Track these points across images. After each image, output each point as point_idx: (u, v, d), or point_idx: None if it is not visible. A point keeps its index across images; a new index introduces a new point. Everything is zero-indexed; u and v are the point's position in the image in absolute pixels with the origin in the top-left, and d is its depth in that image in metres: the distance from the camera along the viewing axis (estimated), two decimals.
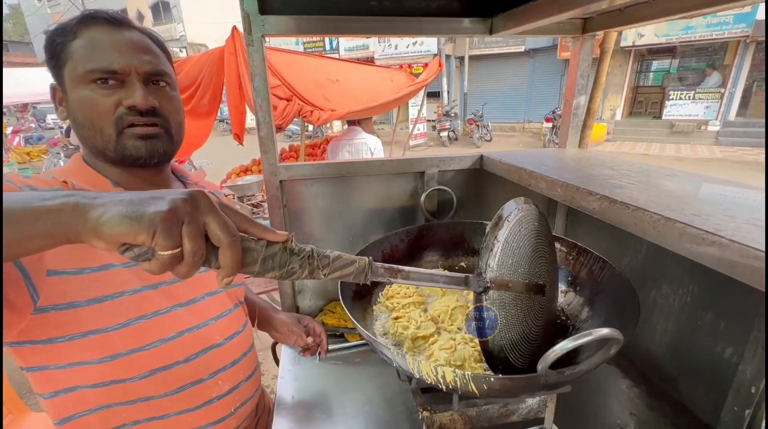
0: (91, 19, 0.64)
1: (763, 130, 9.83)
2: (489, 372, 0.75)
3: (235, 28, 2.58)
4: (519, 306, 0.69)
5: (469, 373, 0.59)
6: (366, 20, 1.07)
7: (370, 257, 0.56)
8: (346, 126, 3.51)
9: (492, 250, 0.65)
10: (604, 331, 0.51)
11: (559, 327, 0.94)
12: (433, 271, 0.64)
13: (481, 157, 1.25)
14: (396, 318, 0.87)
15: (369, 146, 3.27)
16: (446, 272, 0.66)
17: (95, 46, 0.63)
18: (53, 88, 0.69)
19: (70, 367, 0.66)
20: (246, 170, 4.38)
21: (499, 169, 1.14)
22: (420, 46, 14.33)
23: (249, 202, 3.34)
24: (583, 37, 1.18)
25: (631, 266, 1.09)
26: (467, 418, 0.81)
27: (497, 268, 0.65)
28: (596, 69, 1.41)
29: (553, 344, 0.53)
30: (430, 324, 0.85)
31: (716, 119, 10.78)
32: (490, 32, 1.13)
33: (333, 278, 0.53)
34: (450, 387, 0.62)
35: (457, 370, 0.60)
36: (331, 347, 1.18)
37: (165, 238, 0.37)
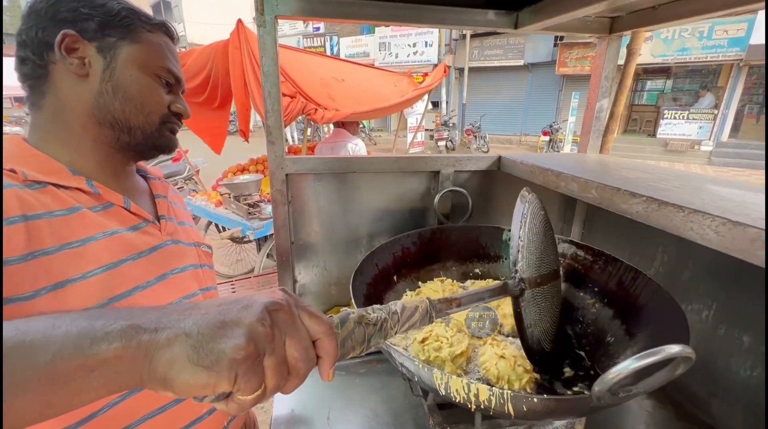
0: (164, 26, 0.72)
1: (756, 152, 10.00)
2: (531, 393, 0.72)
3: (240, 21, 2.52)
4: (546, 296, 0.73)
5: (508, 392, 0.51)
6: (386, 6, 1.00)
7: (428, 298, 0.53)
8: (332, 128, 3.43)
9: (519, 251, 0.67)
10: (676, 349, 0.43)
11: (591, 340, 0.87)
12: (476, 289, 0.62)
13: (500, 158, 1.18)
14: (423, 341, 0.77)
15: (348, 150, 3.20)
16: (487, 286, 0.65)
17: (167, 51, 0.71)
18: (75, 39, 0.61)
19: None
20: (243, 170, 4.26)
21: (521, 170, 1.08)
22: (420, 56, 14.40)
23: (245, 202, 3.23)
24: (609, 37, 1.13)
25: (656, 278, 1.02)
26: None
27: (527, 267, 0.67)
28: (622, 71, 1.36)
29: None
30: (461, 336, 0.77)
31: (709, 139, 10.94)
32: (515, 26, 1.07)
33: (403, 332, 0.50)
34: (483, 407, 0.54)
35: (494, 388, 0.52)
36: None
37: (247, 382, 0.33)
